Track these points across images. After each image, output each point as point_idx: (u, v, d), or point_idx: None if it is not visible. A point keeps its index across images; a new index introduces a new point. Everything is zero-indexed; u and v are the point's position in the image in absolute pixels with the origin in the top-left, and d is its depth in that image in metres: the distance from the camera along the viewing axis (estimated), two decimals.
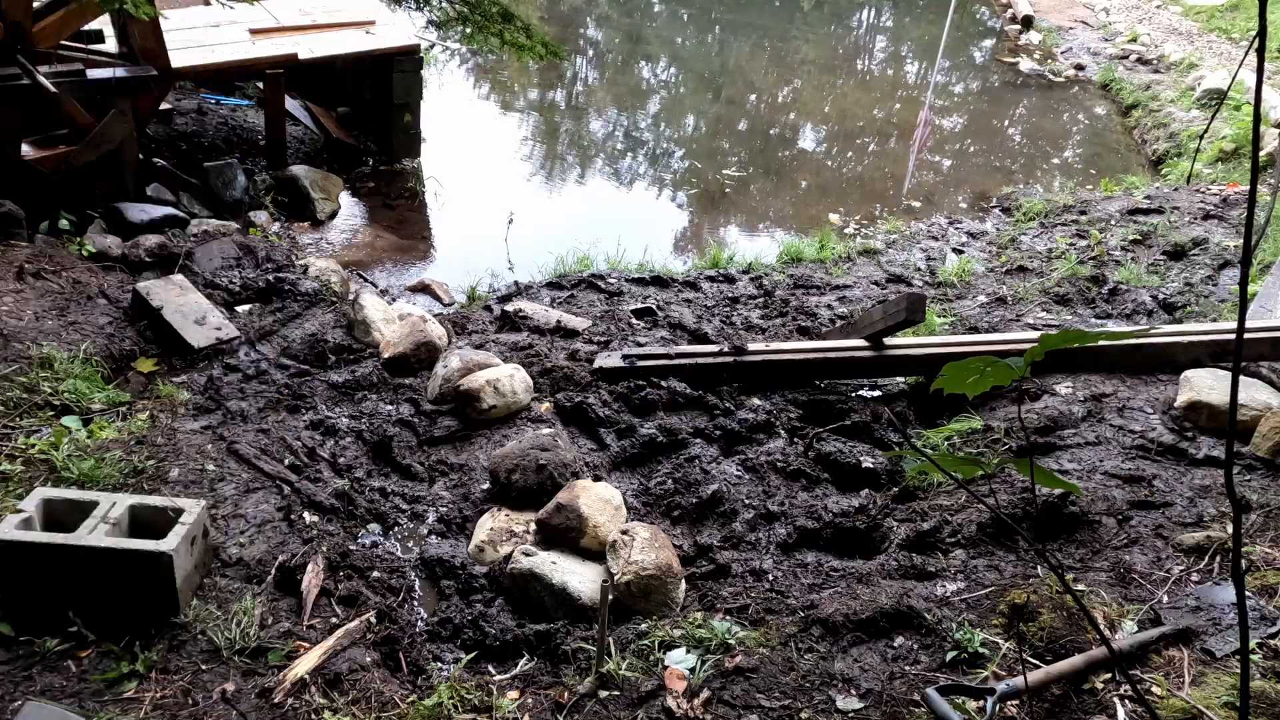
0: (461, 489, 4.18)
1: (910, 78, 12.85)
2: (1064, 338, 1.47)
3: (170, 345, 4.86)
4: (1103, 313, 5.89)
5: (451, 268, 6.76)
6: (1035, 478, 1.59)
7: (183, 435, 4.11)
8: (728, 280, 6.48)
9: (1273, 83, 10.19)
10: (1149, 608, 3.12)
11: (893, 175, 9.27)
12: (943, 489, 4.11)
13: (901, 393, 5.08)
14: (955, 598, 3.32)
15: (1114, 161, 9.75)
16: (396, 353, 4.92)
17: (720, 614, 3.39)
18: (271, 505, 3.80)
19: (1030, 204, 7.91)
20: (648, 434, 4.45)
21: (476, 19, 6.25)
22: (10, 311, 4.62)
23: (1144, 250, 6.75)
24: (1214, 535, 3.44)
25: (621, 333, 5.51)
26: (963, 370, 1.57)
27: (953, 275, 6.49)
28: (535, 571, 3.54)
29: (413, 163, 8.07)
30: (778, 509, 4.02)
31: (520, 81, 11.15)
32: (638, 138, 9.92)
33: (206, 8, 7.66)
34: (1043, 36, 13.76)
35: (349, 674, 3.03)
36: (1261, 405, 4.13)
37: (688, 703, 2.90)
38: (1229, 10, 13.66)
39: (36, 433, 3.92)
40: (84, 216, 5.91)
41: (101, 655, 2.97)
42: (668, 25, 14.29)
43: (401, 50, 7.64)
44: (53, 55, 5.67)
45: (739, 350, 4.92)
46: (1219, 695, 2.71)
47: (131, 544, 3.04)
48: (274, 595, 3.38)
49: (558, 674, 3.19)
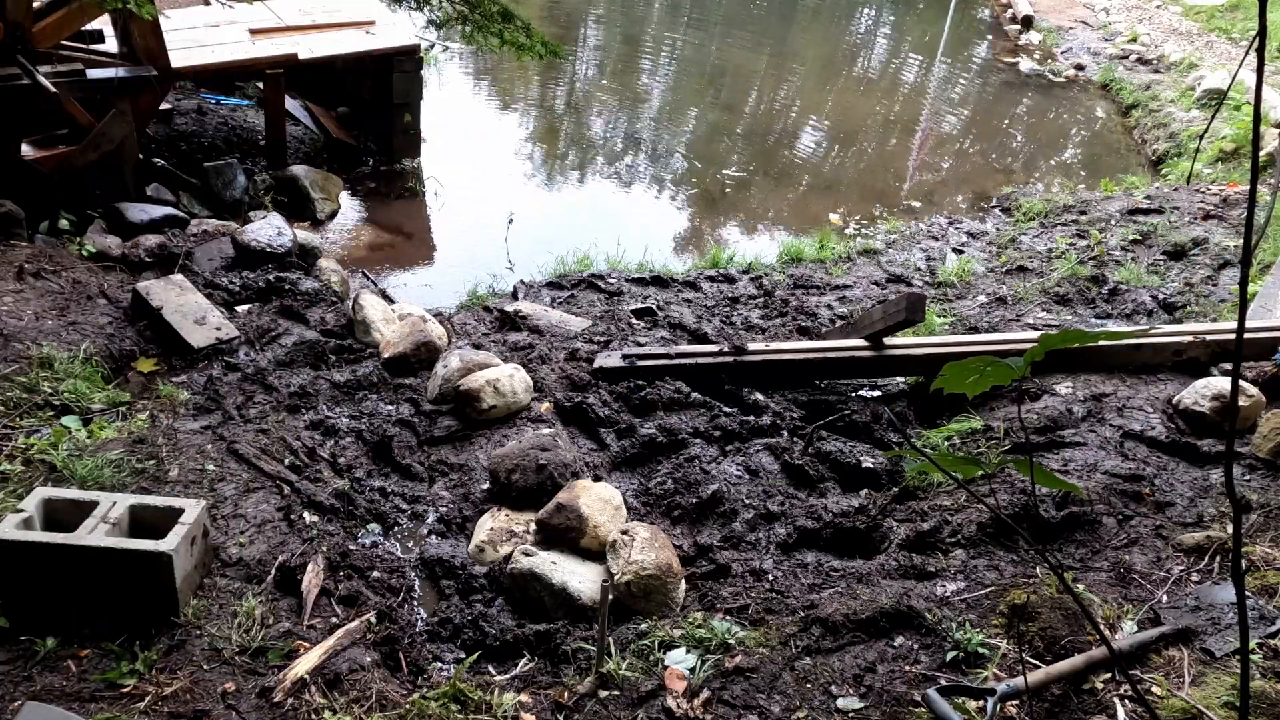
0: (461, 489, 4.18)
1: (910, 77, 12.85)
2: (1064, 338, 1.47)
3: (170, 345, 4.85)
4: (1103, 313, 5.89)
5: (451, 268, 6.76)
6: (1035, 478, 1.59)
7: (183, 435, 4.11)
8: (728, 280, 6.48)
9: (1273, 83, 10.19)
10: (1149, 608, 3.12)
11: (893, 175, 9.27)
12: (943, 489, 4.11)
13: (901, 393, 5.08)
14: (955, 598, 3.32)
15: (1114, 161, 9.75)
16: (396, 352, 4.91)
17: (720, 614, 3.39)
18: (271, 505, 3.80)
19: (1030, 204, 7.91)
20: (648, 434, 4.45)
21: (476, 18, 6.24)
22: (10, 311, 4.62)
23: (1144, 250, 6.76)
24: (1214, 535, 3.44)
25: (621, 333, 5.51)
26: (963, 370, 1.57)
27: (953, 275, 6.49)
28: (535, 571, 3.54)
29: (412, 163, 8.06)
30: (777, 509, 4.02)
31: (520, 81, 11.15)
32: (638, 138, 9.92)
33: (206, 8, 7.66)
34: (1043, 36, 13.76)
35: (349, 674, 3.03)
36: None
37: (688, 703, 2.90)
38: (1229, 10, 13.66)
39: (36, 433, 3.92)
40: (84, 216, 5.91)
41: (101, 655, 2.97)
42: (668, 25, 14.29)
43: (401, 50, 7.64)
44: (53, 55, 5.67)
45: (739, 350, 4.92)
46: (1219, 695, 2.71)
47: (131, 544, 3.03)
48: (274, 595, 3.38)
49: (558, 674, 3.19)
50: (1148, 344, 4.65)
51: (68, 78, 5.57)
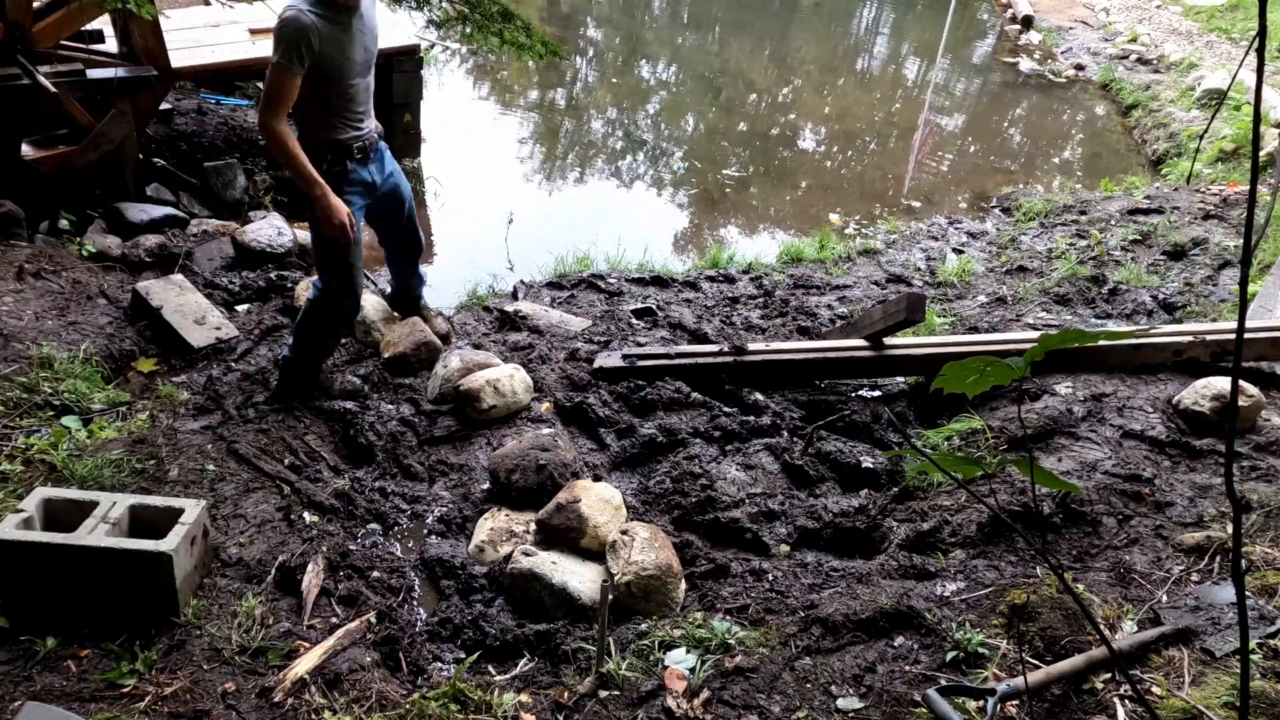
0: (461, 489, 4.18)
1: (910, 78, 12.85)
2: (1064, 338, 1.47)
3: (170, 345, 4.86)
4: (1103, 313, 5.89)
5: (451, 267, 6.76)
6: (1035, 477, 1.59)
7: (183, 435, 4.11)
8: (728, 280, 6.48)
9: (1273, 83, 10.19)
10: (1149, 608, 3.12)
11: (893, 175, 9.27)
12: (943, 489, 4.11)
13: (901, 393, 5.08)
14: (955, 598, 3.32)
15: (1114, 161, 9.75)
16: (396, 352, 4.91)
17: (720, 614, 3.39)
18: (271, 505, 3.81)
19: (1030, 204, 7.91)
20: (648, 434, 4.45)
21: (476, 18, 6.24)
22: (10, 311, 4.62)
23: (1144, 250, 6.75)
24: (1214, 535, 3.44)
25: (621, 333, 5.51)
26: (963, 370, 1.57)
27: (953, 275, 6.49)
28: (535, 571, 3.54)
29: (413, 163, 8.06)
30: (778, 509, 4.02)
31: (520, 81, 11.15)
32: (638, 138, 9.92)
33: (206, 8, 7.66)
34: (1043, 36, 13.76)
35: (349, 674, 3.03)
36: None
37: (688, 703, 2.90)
38: (1229, 10, 13.66)
39: (36, 433, 3.92)
40: (84, 216, 5.91)
41: (101, 655, 2.97)
42: (668, 25, 14.29)
43: (401, 50, 7.63)
44: (53, 55, 5.67)
45: (739, 350, 4.92)
46: (1219, 695, 2.71)
47: (131, 544, 3.04)
48: (274, 595, 3.38)
49: (558, 674, 3.19)
50: (1148, 344, 4.65)
51: (68, 78, 5.57)
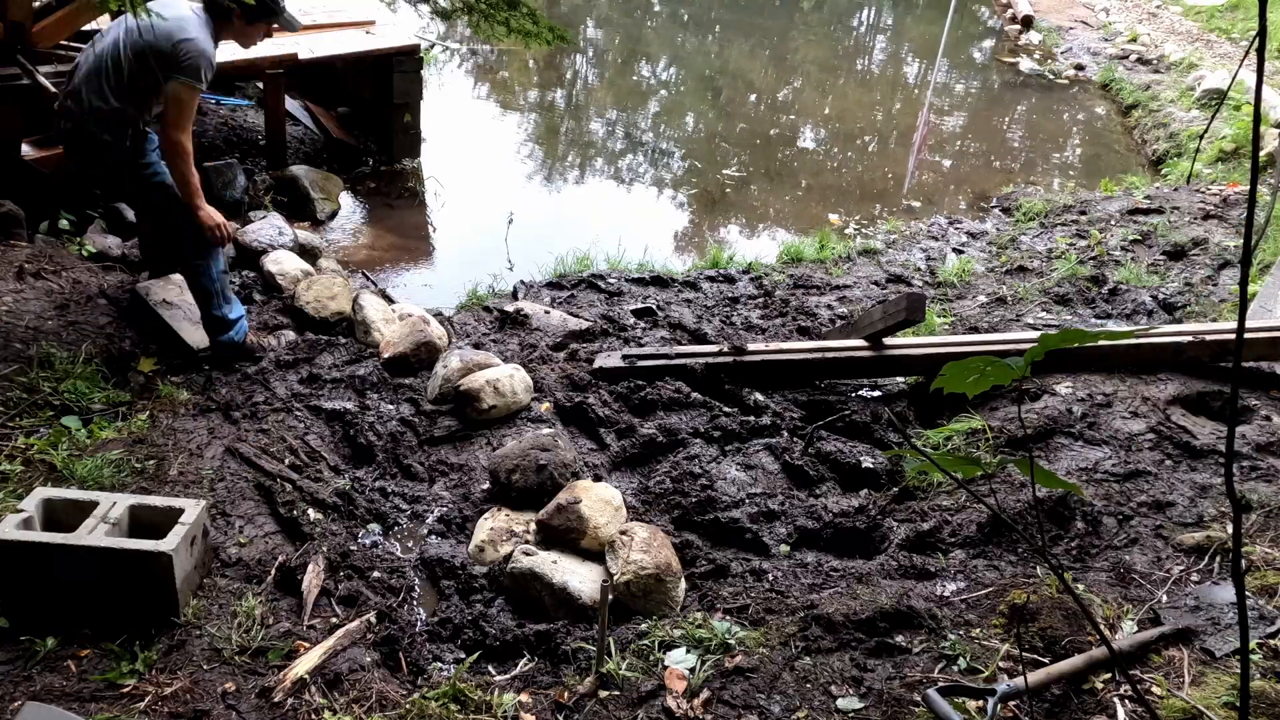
0: (461, 489, 4.18)
1: (910, 78, 12.85)
2: (1064, 338, 1.47)
3: (170, 345, 4.85)
4: (1103, 313, 5.89)
5: (451, 267, 6.77)
6: (1035, 477, 1.59)
7: (183, 435, 4.11)
8: (728, 280, 6.48)
9: (1273, 83, 10.19)
10: (1149, 608, 3.12)
11: (893, 175, 9.27)
12: (942, 489, 4.11)
13: (901, 393, 5.08)
14: (955, 597, 3.32)
15: (1114, 161, 9.75)
16: (396, 353, 4.92)
17: (720, 614, 3.39)
18: (272, 505, 3.80)
19: (1030, 204, 7.91)
20: (648, 434, 4.45)
21: (483, 7, 6.21)
22: (10, 311, 4.62)
23: (1144, 250, 6.76)
24: (1214, 535, 3.45)
25: (621, 333, 5.51)
26: (963, 370, 1.57)
27: (953, 275, 6.49)
28: (535, 571, 3.54)
29: (413, 163, 8.07)
30: (778, 508, 4.02)
31: (520, 81, 11.15)
32: (638, 138, 9.92)
33: None
34: (1043, 36, 13.76)
35: (349, 674, 3.03)
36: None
37: (688, 703, 2.90)
38: (1229, 10, 13.66)
39: (36, 433, 3.92)
40: (84, 216, 5.91)
41: (101, 655, 2.97)
42: (667, 25, 14.29)
43: (401, 50, 7.63)
44: (53, 55, 5.66)
45: (739, 350, 4.92)
46: (1219, 695, 2.71)
47: (131, 544, 3.03)
48: (274, 595, 3.38)
49: (558, 674, 3.19)
50: (1148, 344, 4.65)
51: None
